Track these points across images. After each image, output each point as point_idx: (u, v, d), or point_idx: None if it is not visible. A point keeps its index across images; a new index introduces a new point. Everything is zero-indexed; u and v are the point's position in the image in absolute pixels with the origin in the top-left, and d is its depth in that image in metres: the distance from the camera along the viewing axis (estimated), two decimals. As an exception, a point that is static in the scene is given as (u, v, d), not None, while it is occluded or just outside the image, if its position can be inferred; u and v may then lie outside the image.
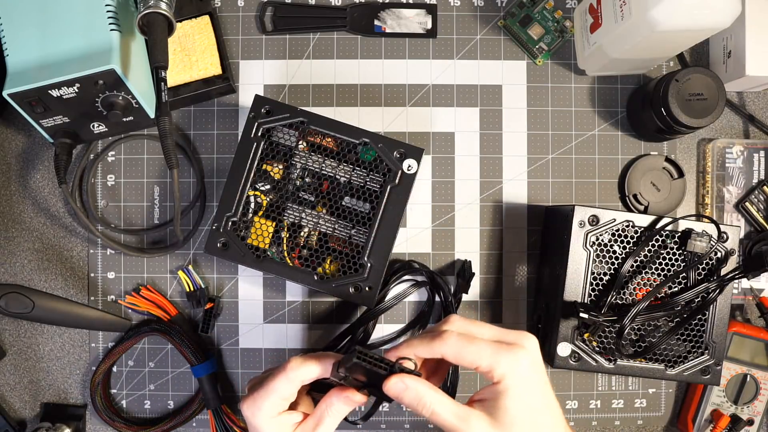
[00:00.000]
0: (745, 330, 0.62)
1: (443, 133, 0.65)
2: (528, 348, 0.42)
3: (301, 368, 0.44)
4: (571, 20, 0.65)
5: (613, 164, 0.65)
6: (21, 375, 0.64)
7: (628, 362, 0.57)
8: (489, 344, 0.41)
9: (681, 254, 0.57)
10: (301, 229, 0.56)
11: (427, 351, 0.42)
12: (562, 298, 0.56)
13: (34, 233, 0.64)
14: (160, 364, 0.64)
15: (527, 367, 0.41)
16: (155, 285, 0.64)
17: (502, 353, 0.41)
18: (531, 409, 0.41)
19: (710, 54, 0.65)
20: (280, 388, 0.44)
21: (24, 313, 0.62)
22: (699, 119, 0.57)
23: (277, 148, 0.57)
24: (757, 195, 0.64)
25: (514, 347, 0.41)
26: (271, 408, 0.45)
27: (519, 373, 0.40)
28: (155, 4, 0.53)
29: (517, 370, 0.40)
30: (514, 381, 0.40)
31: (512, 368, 0.40)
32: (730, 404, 0.62)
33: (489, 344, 0.41)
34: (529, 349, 0.42)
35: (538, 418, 0.41)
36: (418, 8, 0.64)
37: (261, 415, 0.45)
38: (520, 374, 0.40)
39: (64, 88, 0.52)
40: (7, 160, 0.64)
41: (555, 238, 0.60)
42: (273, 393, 0.44)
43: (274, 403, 0.45)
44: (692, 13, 0.49)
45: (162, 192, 0.64)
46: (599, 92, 0.65)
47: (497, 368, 0.40)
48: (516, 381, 0.40)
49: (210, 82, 0.61)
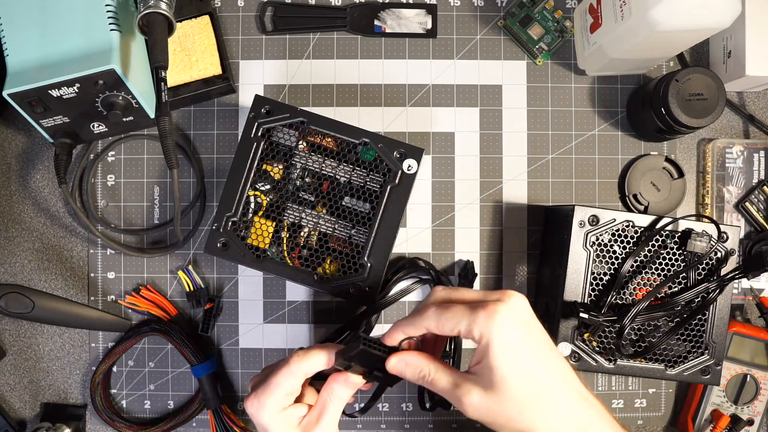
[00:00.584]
0: (745, 330, 0.62)
1: (443, 133, 0.65)
2: (509, 303, 0.39)
3: (303, 361, 0.44)
4: (571, 20, 0.65)
5: (613, 164, 0.65)
6: (21, 375, 0.64)
7: (628, 362, 0.57)
8: (465, 308, 0.40)
9: (681, 254, 0.57)
10: (301, 229, 0.56)
11: (412, 329, 0.42)
12: (562, 298, 0.56)
13: (34, 233, 0.64)
14: (160, 364, 0.64)
15: (508, 323, 0.39)
16: (155, 285, 0.64)
17: (479, 313, 0.39)
18: (522, 366, 0.39)
19: (710, 54, 0.65)
20: (283, 383, 0.45)
21: (24, 313, 0.62)
22: (699, 119, 0.57)
23: (277, 148, 0.57)
24: (757, 195, 0.64)
25: (492, 304, 0.39)
26: (275, 404, 0.45)
27: (498, 330, 0.38)
28: (155, 4, 0.53)
29: (495, 326, 0.38)
30: (495, 338, 0.38)
31: (489, 326, 0.38)
32: (730, 404, 0.62)
33: (465, 308, 0.40)
34: (510, 304, 0.39)
35: (533, 375, 0.39)
36: (418, 8, 0.64)
37: (266, 412, 0.45)
38: (500, 330, 0.38)
39: (64, 88, 0.52)
40: (7, 160, 0.64)
41: (555, 238, 0.60)
42: (277, 389, 0.45)
43: (279, 399, 0.45)
44: (692, 13, 0.49)
45: (162, 192, 0.64)
46: (599, 92, 0.65)
47: (475, 328, 0.39)
48: (496, 337, 0.38)
49: (210, 82, 0.61)
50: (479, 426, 0.64)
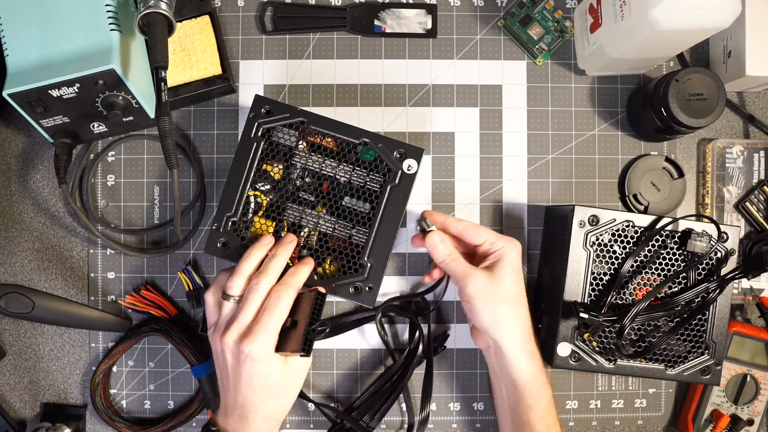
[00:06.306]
0: (745, 330, 0.62)
1: (443, 133, 0.65)
2: (518, 246, 0.56)
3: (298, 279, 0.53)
4: (571, 20, 0.65)
5: (613, 164, 0.65)
6: (21, 375, 0.64)
7: (628, 362, 0.57)
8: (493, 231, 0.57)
9: (681, 254, 0.57)
10: (301, 229, 0.56)
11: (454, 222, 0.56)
12: (562, 298, 0.56)
13: (34, 233, 0.64)
14: (160, 364, 0.64)
15: (517, 253, 0.56)
16: (155, 285, 0.64)
17: (504, 237, 0.56)
18: (513, 278, 0.54)
19: (710, 54, 0.65)
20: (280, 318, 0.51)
21: (24, 313, 0.62)
22: (699, 119, 0.57)
23: (277, 148, 0.57)
24: (757, 195, 0.64)
25: (511, 240, 0.56)
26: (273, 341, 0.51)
27: (512, 250, 0.55)
28: (155, 4, 0.53)
29: (512, 248, 0.55)
30: (509, 253, 0.55)
31: (510, 246, 0.55)
32: (730, 404, 0.62)
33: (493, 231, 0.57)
34: (519, 248, 0.56)
35: (517, 288, 0.55)
36: (418, 8, 0.64)
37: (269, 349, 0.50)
38: (513, 251, 0.55)
39: (64, 88, 0.52)
40: (7, 160, 0.64)
41: (555, 238, 0.60)
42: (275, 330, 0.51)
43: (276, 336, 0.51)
44: (692, 13, 0.49)
45: (162, 192, 0.64)
46: (599, 92, 0.65)
47: (499, 242, 0.55)
48: (509, 254, 0.55)
49: (210, 82, 0.61)
50: (479, 426, 0.64)
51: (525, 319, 0.55)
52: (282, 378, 0.51)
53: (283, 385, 0.52)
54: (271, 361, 0.50)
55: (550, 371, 0.64)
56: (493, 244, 0.55)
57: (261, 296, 0.51)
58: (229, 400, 0.52)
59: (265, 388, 0.50)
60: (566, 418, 0.65)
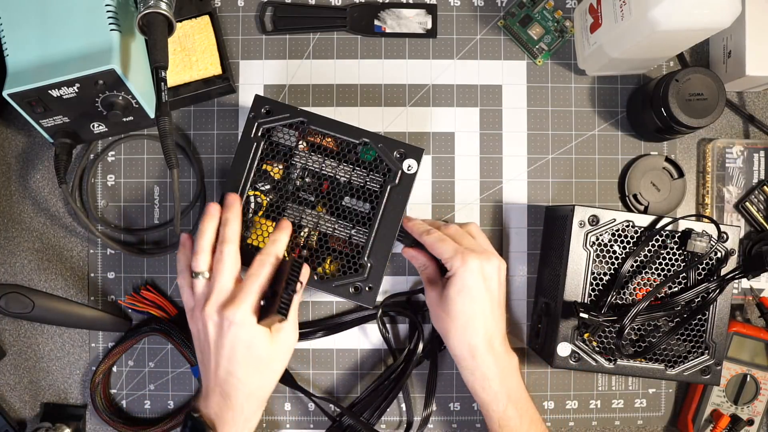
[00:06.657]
0: (745, 330, 0.62)
1: (443, 133, 0.65)
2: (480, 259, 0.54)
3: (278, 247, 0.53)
4: (571, 20, 0.65)
5: (613, 164, 0.65)
6: (21, 375, 0.64)
7: (628, 362, 0.57)
8: (456, 247, 0.55)
9: (681, 254, 0.57)
10: (301, 229, 0.56)
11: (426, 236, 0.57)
12: (562, 298, 0.56)
13: (34, 233, 0.64)
14: (160, 364, 0.64)
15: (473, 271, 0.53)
16: (155, 285, 0.64)
17: (458, 256, 0.54)
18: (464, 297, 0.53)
19: (710, 54, 0.65)
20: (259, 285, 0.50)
21: (24, 313, 0.62)
22: (699, 119, 0.57)
23: (277, 148, 0.57)
24: (757, 195, 0.64)
25: (469, 254, 0.54)
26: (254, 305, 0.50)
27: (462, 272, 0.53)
28: (155, 4, 0.53)
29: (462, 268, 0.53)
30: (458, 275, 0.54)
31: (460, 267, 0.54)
32: (730, 404, 0.62)
33: (456, 247, 0.55)
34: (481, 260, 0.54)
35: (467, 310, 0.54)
36: (418, 8, 0.64)
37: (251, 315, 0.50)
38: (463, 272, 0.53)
39: (64, 88, 0.52)
40: (7, 160, 0.64)
41: (555, 238, 0.60)
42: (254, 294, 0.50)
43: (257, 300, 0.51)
44: (692, 13, 0.49)
45: (162, 192, 0.64)
46: (599, 92, 0.65)
47: (451, 264, 0.54)
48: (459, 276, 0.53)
49: (210, 82, 0.61)
50: (479, 426, 0.64)
51: (473, 341, 0.54)
52: (266, 351, 0.50)
53: (268, 358, 0.51)
54: (253, 328, 0.49)
55: (550, 371, 0.64)
56: (448, 262, 0.54)
57: (230, 263, 0.51)
58: (210, 381, 0.51)
59: (247, 359, 0.49)
60: (566, 418, 0.65)
